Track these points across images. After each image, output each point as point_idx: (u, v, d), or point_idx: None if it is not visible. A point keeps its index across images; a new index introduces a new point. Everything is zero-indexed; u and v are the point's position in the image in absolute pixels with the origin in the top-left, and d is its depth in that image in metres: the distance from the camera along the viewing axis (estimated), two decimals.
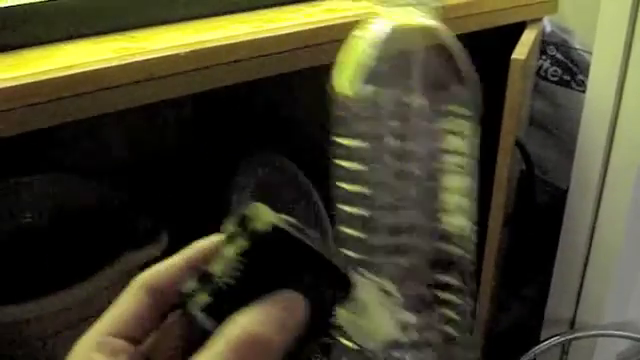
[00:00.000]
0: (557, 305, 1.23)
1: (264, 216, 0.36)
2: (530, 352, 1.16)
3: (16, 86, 0.64)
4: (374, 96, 0.46)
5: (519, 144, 1.06)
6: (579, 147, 1.12)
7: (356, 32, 0.48)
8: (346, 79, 0.46)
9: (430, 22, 0.48)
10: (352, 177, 0.47)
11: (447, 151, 0.48)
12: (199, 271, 0.36)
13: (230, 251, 0.35)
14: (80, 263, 0.81)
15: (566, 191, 1.16)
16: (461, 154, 0.48)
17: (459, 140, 0.48)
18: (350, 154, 0.47)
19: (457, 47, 0.48)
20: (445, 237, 0.49)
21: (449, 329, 0.50)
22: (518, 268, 1.29)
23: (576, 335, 1.19)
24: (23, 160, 0.93)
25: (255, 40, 0.78)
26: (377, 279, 0.45)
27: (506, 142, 0.99)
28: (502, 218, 1.04)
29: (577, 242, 1.16)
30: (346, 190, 0.48)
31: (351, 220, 0.48)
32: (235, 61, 0.77)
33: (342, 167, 0.48)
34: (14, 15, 0.73)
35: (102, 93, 0.68)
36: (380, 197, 0.47)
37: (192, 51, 0.74)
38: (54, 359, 0.80)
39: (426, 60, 0.47)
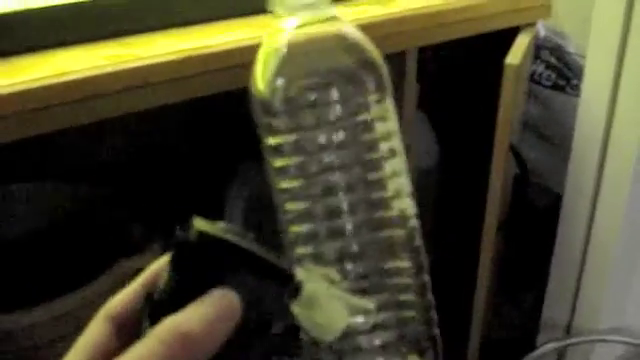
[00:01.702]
0: (553, 310, 1.22)
1: (194, 225, 0.37)
2: (526, 358, 1.16)
3: (9, 93, 0.64)
4: (288, 88, 0.47)
5: (513, 149, 1.07)
6: (574, 151, 1.12)
7: (265, 36, 0.50)
8: (259, 79, 0.48)
9: (331, 14, 0.49)
10: (285, 173, 0.49)
11: (379, 139, 0.49)
12: (148, 292, 0.38)
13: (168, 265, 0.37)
14: (73, 271, 0.80)
15: (561, 195, 1.16)
16: (388, 137, 0.49)
17: (385, 124, 0.49)
18: (279, 152, 0.48)
19: (358, 36, 0.49)
20: (389, 223, 0.50)
21: (404, 310, 0.50)
22: (514, 273, 1.28)
23: (572, 340, 1.19)
24: (14, 168, 0.92)
25: (250, 46, 0.78)
26: (321, 269, 0.45)
27: (500, 146, 0.99)
28: (496, 223, 1.04)
29: (573, 247, 1.16)
30: (283, 188, 0.49)
31: (292, 217, 0.49)
32: (230, 67, 0.77)
33: (276, 167, 0.49)
34: (6, 22, 0.73)
35: (96, 100, 0.68)
36: (315, 187, 0.48)
37: (186, 57, 0.73)
38: None
39: (332, 53, 0.49)
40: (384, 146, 0.49)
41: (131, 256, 0.83)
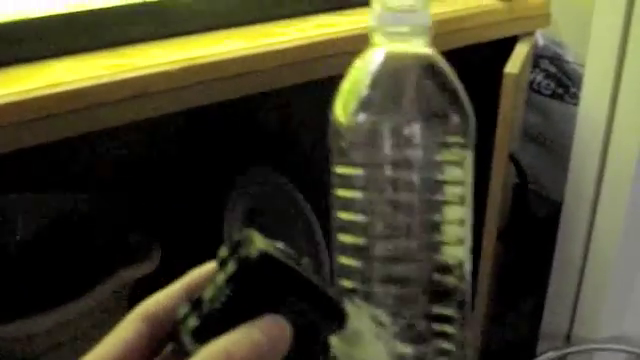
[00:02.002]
0: (553, 319, 1.22)
1: (255, 242, 0.36)
2: None
3: (6, 103, 0.64)
4: (369, 124, 0.46)
5: (513, 158, 1.06)
6: (573, 160, 1.12)
7: (354, 62, 0.48)
8: (341, 107, 0.47)
9: (424, 49, 0.48)
10: (349, 206, 0.47)
11: (446, 182, 0.48)
12: (191, 297, 0.36)
13: (220, 277, 0.36)
14: (72, 280, 0.80)
15: (561, 204, 1.16)
16: (460, 184, 0.48)
17: (458, 170, 0.48)
18: (347, 183, 0.47)
19: (451, 74, 0.48)
20: (442, 268, 0.49)
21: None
22: (513, 282, 1.28)
23: (572, 349, 1.19)
24: (13, 177, 0.92)
25: (248, 56, 0.78)
26: (372, 309, 0.45)
27: (500, 155, 0.99)
28: (496, 232, 1.04)
29: (572, 255, 1.15)
30: (342, 219, 0.48)
31: (347, 249, 0.48)
32: (228, 77, 0.77)
33: (339, 196, 0.48)
34: (2, 32, 0.73)
35: (93, 110, 0.68)
36: (376, 226, 0.47)
37: (184, 67, 0.74)
38: None
39: (421, 88, 0.48)
40: (451, 190, 0.48)
41: (130, 265, 0.83)
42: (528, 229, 1.22)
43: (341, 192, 0.47)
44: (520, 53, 1.00)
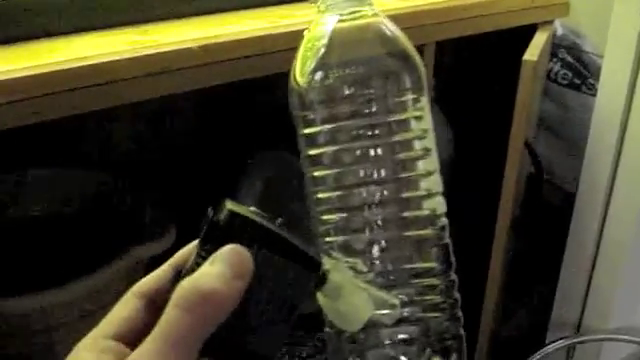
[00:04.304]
0: (563, 308, 1.22)
1: (225, 205, 0.37)
2: (535, 355, 1.16)
3: (27, 77, 0.64)
4: (327, 80, 0.48)
5: (528, 146, 1.06)
6: (589, 150, 1.11)
7: (306, 29, 0.51)
8: (299, 70, 0.49)
9: (372, 10, 0.50)
10: (319, 162, 0.50)
11: (413, 138, 0.50)
12: (177, 270, 0.39)
13: (195, 244, 0.38)
14: (87, 256, 0.81)
15: (574, 194, 1.15)
16: (425, 135, 0.50)
17: (420, 122, 0.50)
18: (314, 141, 0.49)
19: (400, 35, 0.50)
20: (417, 221, 0.50)
21: (429, 307, 0.51)
22: (525, 271, 1.28)
23: (582, 339, 1.19)
24: (29, 153, 0.93)
25: (267, 36, 0.78)
26: (348, 259, 0.46)
27: (515, 143, 0.99)
28: (509, 220, 1.04)
29: (585, 245, 1.15)
30: (315, 176, 0.50)
31: (319, 204, 0.50)
32: (247, 56, 0.77)
33: (309, 155, 0.50)
34: (24, 7, 0.73)
35: (114, 85, 0.68)
36: (347, 177, 0.49)
37: (204, 45, 0.74)
38: (58, 352, 0.80)
39: (372, 50, 0.50)
40: (418, 145, 0.50)
41: (144, 243, 0.84)
42: (541, 218, 1.22)
43: (310, 151, 0.49)
44: (539, 41, 1.00)
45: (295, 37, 0.79)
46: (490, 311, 1.12)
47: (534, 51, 0.96)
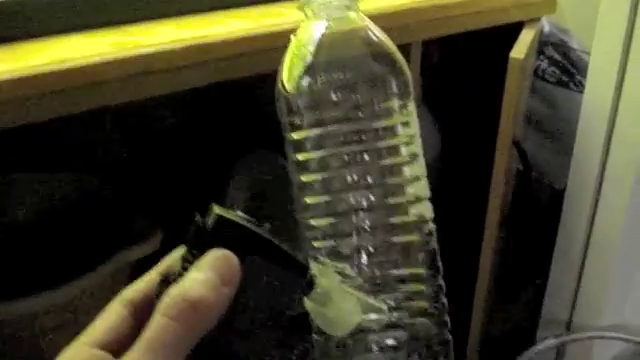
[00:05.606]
0: (553, 306, 1.22)
1: (213, 210, 0.38)
2: (525, 354, 1.16)
3: (12, 79, 0.63)
4: (315, 86, 0.48)
5: (516, 144, 1.06)
6: (577, 148, 1.11)
7: (293, 35, 0.50)
8: (287, 76, 0.49)
9: (359, 17, 0.50)
10: (306, 167, 0.49)
11: (400, 144, 0.50)
12: (164, 277, 0.38)
13: (182, 250, 0.38)
14: (74, 261, 0.80)
15: (563, 191, 1.15)
16: (412, 140, 0.50)
17: (407, 129, 0.50)
18: (301, 146, 0.49)
19: (385, 40, 0.50)
20: (404, 227, 0.50)
21: (417, 313, 0.51)
22: (515, 268, 1.28)
23: (572, 337, 1.19)
24: (15, 157, 0.92)
25: (252, 36, 0.77)
26: (336, 264, 0.46)
27: (503, 141, 0.99)
28: (499, 218, 1.04)
29: (574, 243, 1.15)
30: (303, 181, 0.50)
31: (307, 209, 0.50)
32: (232, 57, 0.76)
33: (296, 160, 0.50)
34: (7, 8, 0.72)
35: (98, 87, 0.68)
36: (334, 182, 0.49)
37: (188, 46, 0.73)
38: (46, 357, 0.80)
39: (359, 55, 0.50)
40: (405, 150, 0.50)
41: (132, 247, 0.83)
42: (530, 216, 1.22)
43: (298, 156, 0.49)
44: (526, 39, 1.00)
45: (280, 37, 0.79)
46: (480, 309, 1.12)
47: (521, 49, 0.96)
